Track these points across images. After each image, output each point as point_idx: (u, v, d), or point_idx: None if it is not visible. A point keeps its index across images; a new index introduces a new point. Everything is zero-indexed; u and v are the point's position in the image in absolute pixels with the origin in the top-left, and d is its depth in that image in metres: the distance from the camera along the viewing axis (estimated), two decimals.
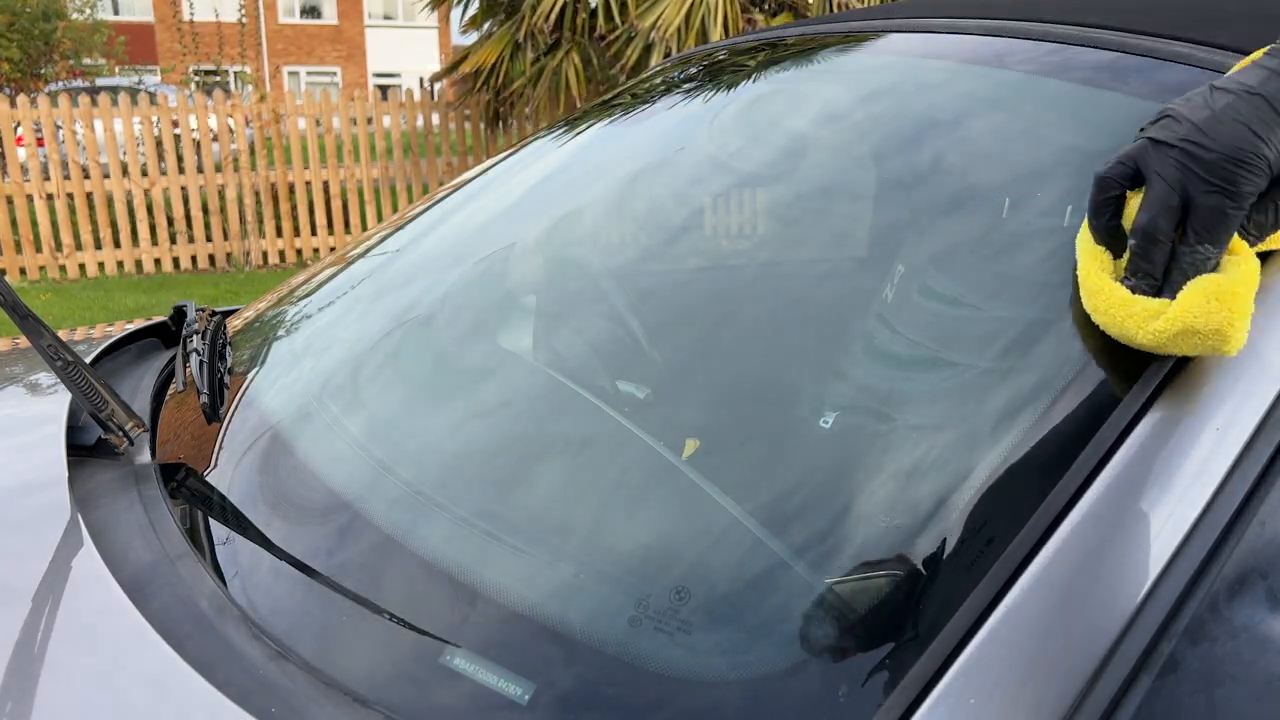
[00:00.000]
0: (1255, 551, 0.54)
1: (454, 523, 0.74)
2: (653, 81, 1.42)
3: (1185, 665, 0.51)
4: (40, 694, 0.60)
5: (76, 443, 0.87)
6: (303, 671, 0.61)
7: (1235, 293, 0.54)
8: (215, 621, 0.66)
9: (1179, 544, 0.53)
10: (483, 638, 0.63)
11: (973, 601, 0.52)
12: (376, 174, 7.11)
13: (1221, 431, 0.55)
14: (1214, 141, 0.55)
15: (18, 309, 0.78)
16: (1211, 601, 0.52)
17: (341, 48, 25.80)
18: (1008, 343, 0.70)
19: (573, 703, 0.57)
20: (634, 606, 0.60)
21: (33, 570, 0.71)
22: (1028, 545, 0.53)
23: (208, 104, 6.67)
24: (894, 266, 0.85)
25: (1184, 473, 0.55)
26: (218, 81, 9.04)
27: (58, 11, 10.67)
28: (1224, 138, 0.55)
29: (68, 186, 6.38)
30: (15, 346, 1.29)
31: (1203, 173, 0.55)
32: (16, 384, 1.12)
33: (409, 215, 1.32)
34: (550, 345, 1.00)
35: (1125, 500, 0.54)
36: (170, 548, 0.75)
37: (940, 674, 0.50)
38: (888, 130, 1.01)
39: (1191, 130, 0.56)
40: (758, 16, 6.36)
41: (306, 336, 1.10)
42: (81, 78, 11.29)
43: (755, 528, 0.65)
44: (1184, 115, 0.57)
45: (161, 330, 1.30)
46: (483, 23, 7.34)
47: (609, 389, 0.87)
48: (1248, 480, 0.54)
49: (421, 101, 7.34)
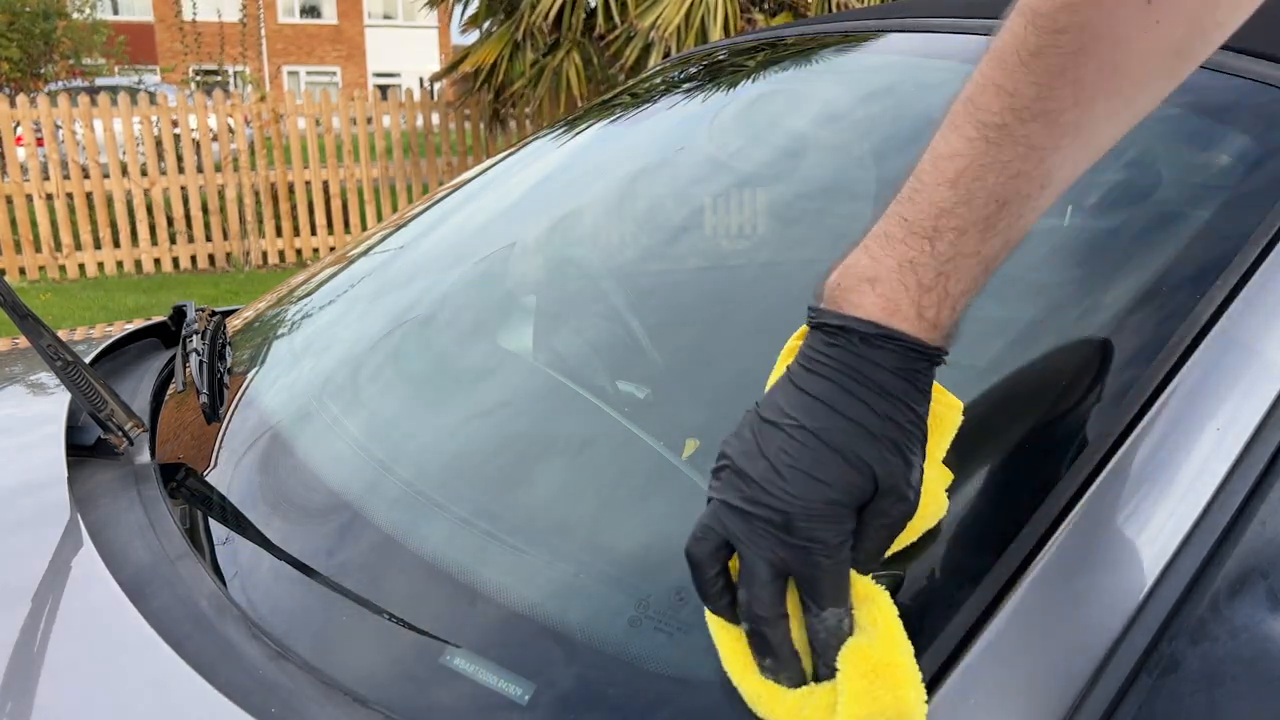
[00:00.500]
0: (1255, 551, 0.54)
1: (454, 522, 0.74)
2: (652, 81, 1.42)
3: (1185, 665, 0.51)
4: (40, 694, 0.60)
5: (76, 443, 0.87)
6: (303, 671, 0.61)
7: (891, 663, 0.47)
8: (215, 621, 0.66)
9: (1179, 544, 0.53)
10: (483, 638, 0.63)
11: (973, 601, 0.52)
12: (376, 174, 7.11)
13: (1222, 431, 0.55)
14: (779, 501, 0.48)
15: (17, 309, 0.78)
16: (1211, 601, 0.52)
17: (341, 47, 25.81)
18: (1007, 342, 0.70)
19: (573, 703, 0.57)
20: (634, 606, 0.60)
21: (32, 570, 0.71)
22: (1028, 545, 0.53)
23: (208, 104, 6.67)
24: None
25: (1184, 473, 0.54)
26: (217, 81, 9.04)
27: (58, 11, 10.67)
28: (787, 494, 0.48)
29: (67, 186, 6.38)
30: (15, 346, 1.29)
31: (782, 535, 0.48)
32: (16, 384, 1.12)
33: (409, 215, 1.32)
34: (550, 345, 1.00)
35: (1125, 500, 0.54)
36: (170, 548, 0.75)
37: (940, 674, 0.50)
38: (887, 130, 1.01)
39: (756, 491, 0.49)
40: (757, 16, 6.36)
41: (306, 336, 1.10)
42: (81, 77, 11.29)
43: None
44: (742, 469, 0.50)
45: (161, 330, 1.30)
46: (482, 22, 7.34)
47: (609, 389, 0.87)
48: (1248, 480, 0.54)
49: (421, 101, 7.34)
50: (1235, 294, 0.59)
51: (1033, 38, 0.49)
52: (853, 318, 0.50)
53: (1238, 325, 0.58)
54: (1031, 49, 0.49)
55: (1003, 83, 0.50)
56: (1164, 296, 0.63)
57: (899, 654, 0.48)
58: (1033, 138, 0.49)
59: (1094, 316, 0.66)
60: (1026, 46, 0.49)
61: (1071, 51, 0.48)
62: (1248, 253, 0.60)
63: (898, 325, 0.50)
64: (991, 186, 0.49)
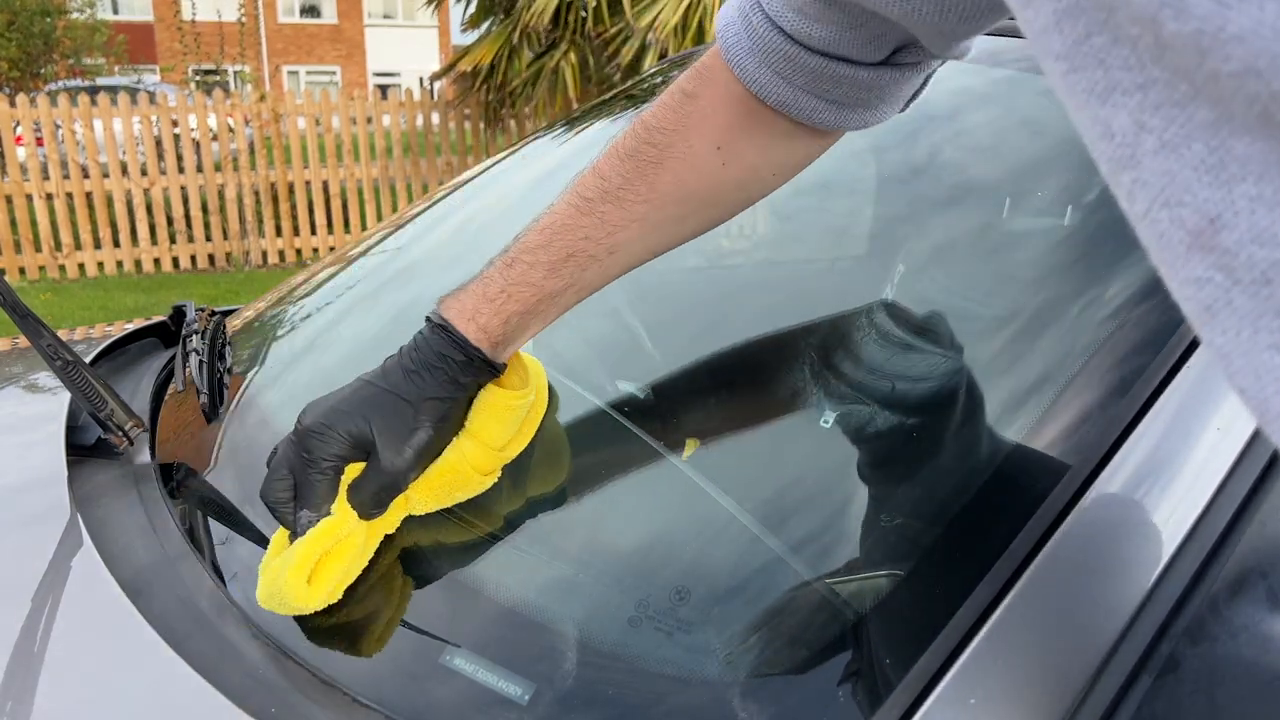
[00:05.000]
0: (1255, 551, 0.54)
1: (454, 522, 0.74)
2: (652, 81, 1.42)
3: (1185, 665, 0.51)
4: (39, 694, 0.60)
5: (76, 442, 0.87)
6: (303, 671, 0.61)
7: (295, 551, 0.62)
8: (215, 621, 0.66)
9: (1179, 544, 0.53)
10: (483, 638, 0.63)
11: (973, 601, 0.52)
12: (376, 174, 7.11)
13: (1222, 431, 0.55)
14: (306, 416, 0.64)
15: (17, 309, 0.78)
16: (1211, 601, 0.52)
17: (341, 47, 25.80)
18: (1007, 342, 0.70)
19: (573, 703, 0.57)
20: (634, 606, 0.60)
21: (32, 570, 0.71)
22: (1028, 545, 0.53)
23: (207, 104, 6.67)
24: (894, 265, 0.85)
25: (1184, 473, 0.54)
26: (217, 81, 9.03)
27: (57, 9, 10.66)
28: (311, 413, 0.64)
29: (67, 186, 6.38)
30: (15, 346, 1.29)
31: (307, 446, 0.63)
32: (16, 384, 1.12)
33: (409, 215, 1.32)
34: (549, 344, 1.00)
35: (1125, 500, 0.54)
36: (170, 548, 0.75)
37: (940, 674, 0.50)
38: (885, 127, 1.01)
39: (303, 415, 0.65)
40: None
41: (306, 336, 1.10)
42: (81, 77, 11.29)
43: (755, 528, 0.65)
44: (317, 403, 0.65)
45: (161, 330, 1.30)
46: (481, 22, 7.33)
47: (609, 388, 0.87)
48: (1248, 480, 0.54)
49: (421, 101, 7.33)
50: None
51: (631, 142, 0.63)
52: (436, 312, 0.66)
53: None
54: (629, 150, 0.63)
55: (602, 168, 0.64)
56: (1164, 295, 0.63)
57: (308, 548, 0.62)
58: (607, 215, 0.63)
59: (1094, 315, 0.66)
60: (626, 147, 0.63)
61: (652, 161, 0.62)
62: None
63: (453, 320, 0.64)
64: (565, 241, 0.64)
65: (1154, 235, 0.31)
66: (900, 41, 0.58)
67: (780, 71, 0.60)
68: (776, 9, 0.58)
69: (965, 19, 0.52)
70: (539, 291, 0.64)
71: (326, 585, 0.62)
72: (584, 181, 0.65)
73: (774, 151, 0.64)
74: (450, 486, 0.67)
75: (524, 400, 0.68)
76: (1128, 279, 0.67)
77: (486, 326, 0.64)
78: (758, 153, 0.64)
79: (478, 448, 0.66)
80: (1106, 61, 0.30)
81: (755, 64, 0.60)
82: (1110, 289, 0.67)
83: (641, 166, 0.62)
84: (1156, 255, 0.31)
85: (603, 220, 0.63)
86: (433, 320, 0.65)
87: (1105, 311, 0.65)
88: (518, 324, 0.65)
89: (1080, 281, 0.70)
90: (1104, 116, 0.31)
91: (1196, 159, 0.28)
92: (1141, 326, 0.62)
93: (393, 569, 0.70)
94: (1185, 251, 0.29)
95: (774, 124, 0.63)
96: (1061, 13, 0.31)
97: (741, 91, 0.62)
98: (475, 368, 0.64)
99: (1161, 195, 0.30)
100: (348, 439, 0.62)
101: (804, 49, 0.58)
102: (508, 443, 0.69)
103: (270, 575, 0.62)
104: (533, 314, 0.65)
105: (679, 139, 0.62)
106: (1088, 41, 0.30)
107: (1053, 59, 0.32)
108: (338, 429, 0.62)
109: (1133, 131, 0.30)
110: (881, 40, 0.57)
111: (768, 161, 0.65)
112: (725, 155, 0.62)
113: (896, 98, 0.64)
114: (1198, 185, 0.28)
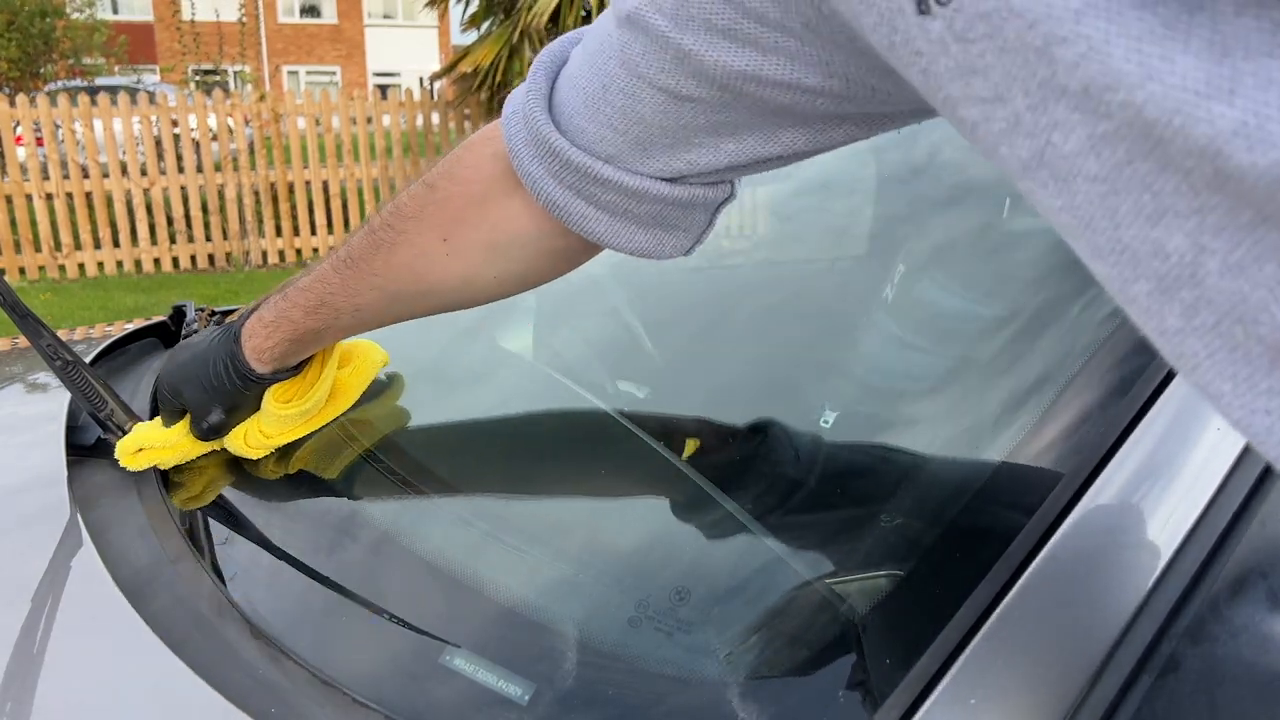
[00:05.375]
0: (1255, 551, 0.53)
1: (454, 522, 0.74)
2: None
3: (1185, 665, 0.51)
4: (39, 694, 0.60)
5: (76, 442, 0.87)
6: (303, 671, 0.61)
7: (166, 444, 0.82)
8: (215, 622, 0.66)
9: (1179, 544, 0.53)
10: (483, 638, 0.63)
11: (973, 601, 0.52)
12: (376, 173, 7.11)
13: (1222, 431, 0.55)
14: (162, 375, 0.82)
15: (17, 308, 0.78)
16: (1211, 601, 0.52)
17: (341, 47, 25.79)
18: (1007, 342, 0.70)
19: (573, 703, 0.57)
20: (634, 606, 0.60)
21: (32, 570, 0.71)
22: (1028, 545, 0.53)
23: (207, 104, 6.67)
24: (894, 265, 0.85)
25: (1184, 473, 0.54)
26: (217, 81, 9.03)
27: (55, 9, 10.65)
28: (164, 371, 0.82)
29: (67, 186, 6.37)
30: (15, 346, 1.29)
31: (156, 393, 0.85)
32: (16, 384, 1.12)
33: None
34: (550, 344, 1.00)
35: (1125, 500, 0.54)
36: (169, 548, 0.75)
37: (940, 674, 0.50)
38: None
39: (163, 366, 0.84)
40: None
41: None
42: (81, 77, 11.29)
43: (755, 528, 0.65)
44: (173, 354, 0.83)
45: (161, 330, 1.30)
46: (482, 22, 7.33)
47: (609, 388, 0.87)
48: (1248, 480, 0.54)
49: (421, 101, 7.33)
50: None
51: (378, 219, 0.69)
52: (235, 322, 0.78)
53: None
54: (375, 226, 0.69)
55: (356, 237, 0.71)
56: None
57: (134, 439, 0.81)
58: (348, 280, 0.70)
59: (1094, 315, 0.66)
60: (374, 223, 0.69)
61: (388, 242, 0.68)
62: None
63: (243, 336, 0.76)
64: (320, 290, 0.72)
65: (1226, 346, 0.31)
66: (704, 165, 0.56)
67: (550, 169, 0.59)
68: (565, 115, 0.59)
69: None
70: (299, 327, 0.74)
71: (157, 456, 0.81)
72: (349, 240, 0.72)
73: (496, 256, 0.67)
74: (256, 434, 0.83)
75: (291, 410, 0.81)
76: None
77: (258, 348, 0.76)
78: (479, 253, 0.67)
79: (256, 433, 0.82)
80: (1154, 187, 0.30)
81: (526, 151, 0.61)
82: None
83: (380, 243, 0.68)
84: (1226, 366, 0.31)
85: (345, 282, 0.71)
86: (234, 328, 0.78)
87: (1105, 311, 0.65)
88: (289, 349, 0.76)
89: (1080, 281, 0.70)
90: (1155, 237, 0.31)
91: (1271, 279, 0.28)
92: None
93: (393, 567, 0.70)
94: (1269, 365, 0.30)
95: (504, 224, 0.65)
96: (1099, 139, 0.31)
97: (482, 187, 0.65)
98: (252, 379, 0.77)
99: (1233, 312, 0.30)
100: (176, 403, 0.81)
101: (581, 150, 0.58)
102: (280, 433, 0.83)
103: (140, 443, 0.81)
104: (301, 342, 0.75)
105: (414, 226, 0.67)
106: (1130, 167, 0.30)
107: (1087, 180, 0.32)
108: (165, 395, 0.81)
109: (1192, 253, 0.30)
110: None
111: (488, 263, 0.67)
112: (450, 248, 0.66)
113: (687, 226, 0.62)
114: (1275, 304, 0.29)
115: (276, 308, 0.75)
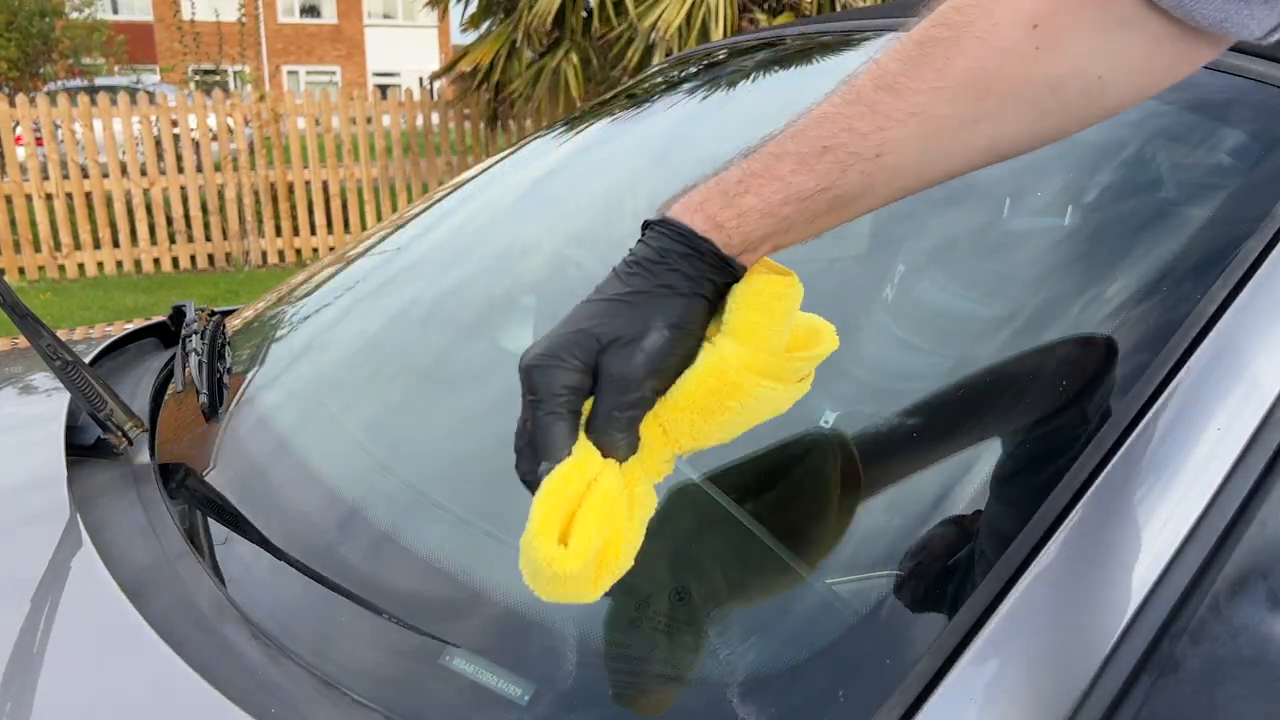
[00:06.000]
0: (1255, 551, 0.53)
1: (454, 522, 0.74)
2: (652, 81, 1.42)
3: (1185, 665, 0.51)
4: (39, 694, 0.60)
5: (76, 442, 0.87)
6: (303, 671, 0.61)
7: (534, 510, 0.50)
8: (215, 622, 0.66)
9: (1179, 544, 0.53)
10: (483, 638, 0.63)
11: (973, 601, 0.52)
12: (376, 174, 7.11)
13: (1222, 431, 0.55)
14: (526, 355, 0.53)
15: (17, 309, 0.78)
16: (1211, 601, 0.52)
17: (341, 47, 25.80)
18: (1008, 342, 0.70)
19: (573, 703, 0.57)
20: (634, 606, 0.60)
21: (32, 570, 0.71)
22: (1028, 545, 0.53)
23: (207, 104, 6.66)
24: (894, 265, 0.84)
25: (1184, 473, 0.54)
26: (217, 81, 9.03)
27: (54, 9, 10.65)
28: (531, 351, 0.52)
29: (67, 186, 6.37)
30: (15, 346, 1.29)
31: (532, 387, 0.52)
32: (16, 384, 1.12)
33: (409, 215, 1.32)
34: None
35: (1125, 500, 0.54)
36: (169, 548, 0.75)
37: (941, 674, 0.50)
38: None
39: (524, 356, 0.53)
40: (759, 16, 6.35)
41: (306, 336, 1.10)
42: (80, 77, 11.28)
43: (755, 527, 0.65)
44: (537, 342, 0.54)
45: (161, 330, 1.30)
46: (482, 21, 7.33)
47: None
48: (1248, 480, 0.54)
49: (421, 101, 7.33)
50: (1236, 293, 0.59)
51: (924, 26, 0.52)
52: (656, 214, 0.55)
53: (1238, 324, 0.58)
54: (919, 37, 0.52)
55: (882, 59, 0.53)
56: (1164, 295, 0.63)
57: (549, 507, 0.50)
58: (878, 104, 0.51)
59: (1093, 316, 0.66)
60: (915, 35, 0.52)
61: (945, 39, 0.50)
62: (1247, 252, 0.60)
63: (675, 214, 0.53)
64: (823, 131, 0.52)
65: None
66: None
67: None
68: None
69: None
70: (784, 187, 0.52)
71: (587, 542, 0.50)
72: (856, 74, 0.53)
73: (1110, 42, 0.49)
74: (717, 393, 0.52)
75: (790, 288, 0.54)
76: (1128, 279, 0.67)
77: (716, 217, 0.52)
78: (1085, 40, 0.49)
79: (740, 346, 0.52)
80: None
81: None
82: (1110, 289, 0.67)
83: (929, 49, 0.50)
84: None
85: (872, 109, 0.51)
86: (650, 221, 0.55)
87: (1105, 311, 0.65)
88: (756, 224, 0.52)
89: (1080, 281, 0.70)
90: None
91: None
92: (1141, 326, 0.62)
93: (393, 567, 0.70)
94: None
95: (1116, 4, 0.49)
96: None
97: None
98: (706, 261, 0.52)
99: None
100: (576, 363, 0.51)
101: None
102: (783, 343, 0.55)
103: (523, 549, 0.51)
104: (774, 217, 0.52)
105: (982, 14, 0.49)
106: None
107: None
108: (560, 354, 0.51)
109: None
110: None
111: (1095, 55, 0.50)
112: (1041, 37, 0.49)
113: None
114: None
115: (739, 169, 0.53)
